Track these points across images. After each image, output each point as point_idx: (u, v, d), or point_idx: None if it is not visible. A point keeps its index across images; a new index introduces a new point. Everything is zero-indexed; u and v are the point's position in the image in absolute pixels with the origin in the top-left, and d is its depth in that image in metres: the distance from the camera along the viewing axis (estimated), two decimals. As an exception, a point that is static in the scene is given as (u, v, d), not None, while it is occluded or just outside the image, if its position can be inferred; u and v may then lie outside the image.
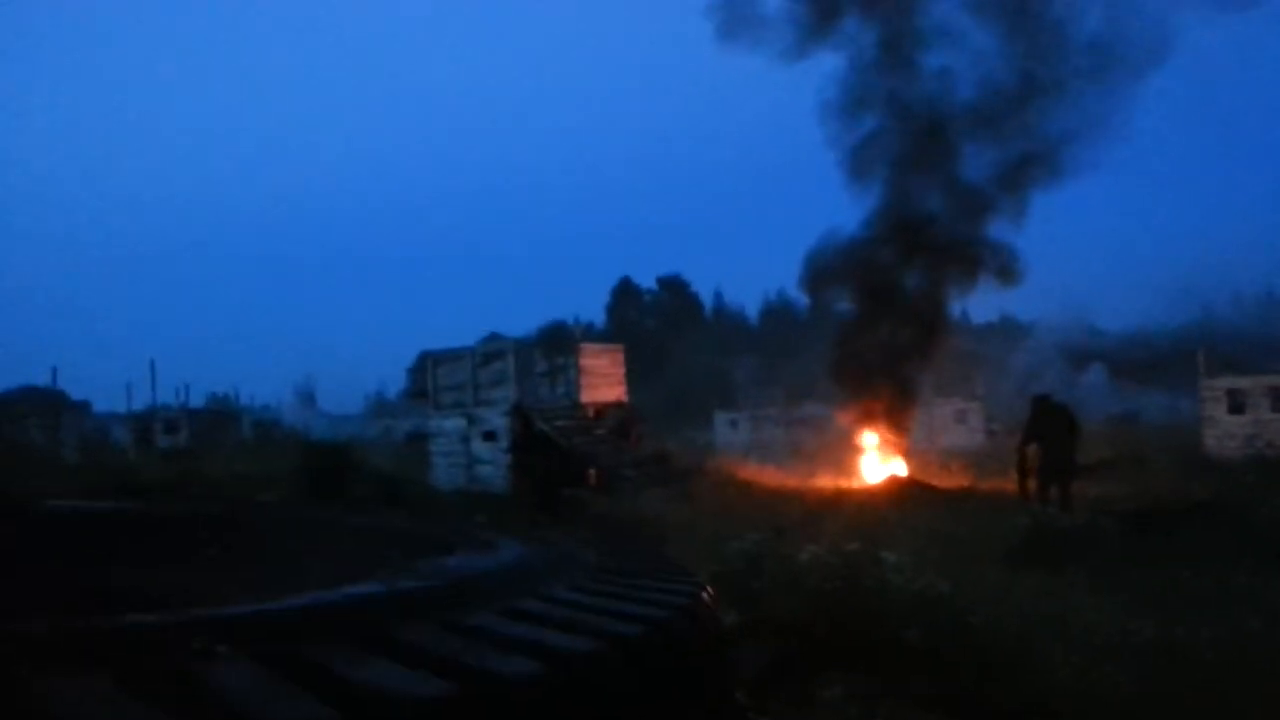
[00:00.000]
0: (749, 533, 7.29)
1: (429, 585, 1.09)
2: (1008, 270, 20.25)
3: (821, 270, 21.39)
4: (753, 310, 77.12)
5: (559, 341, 26.86)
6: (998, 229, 20.13)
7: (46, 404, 28.92)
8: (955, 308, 21.63)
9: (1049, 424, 12.09)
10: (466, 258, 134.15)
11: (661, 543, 9.05)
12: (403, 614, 0.91)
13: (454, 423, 19.88)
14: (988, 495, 14.16)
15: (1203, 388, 22.61)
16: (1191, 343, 28.35)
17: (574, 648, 0.88)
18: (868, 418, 19.88)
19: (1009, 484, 13.29)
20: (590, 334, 50.56)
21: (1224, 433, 21.63)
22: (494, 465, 18.27)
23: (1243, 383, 22.24)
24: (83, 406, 38.18)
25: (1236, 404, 22.00)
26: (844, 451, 20.41)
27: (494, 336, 27.05)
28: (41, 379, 31.80)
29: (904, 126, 20.52)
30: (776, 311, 71.08)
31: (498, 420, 18.66)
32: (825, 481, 18.06)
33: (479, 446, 18.98)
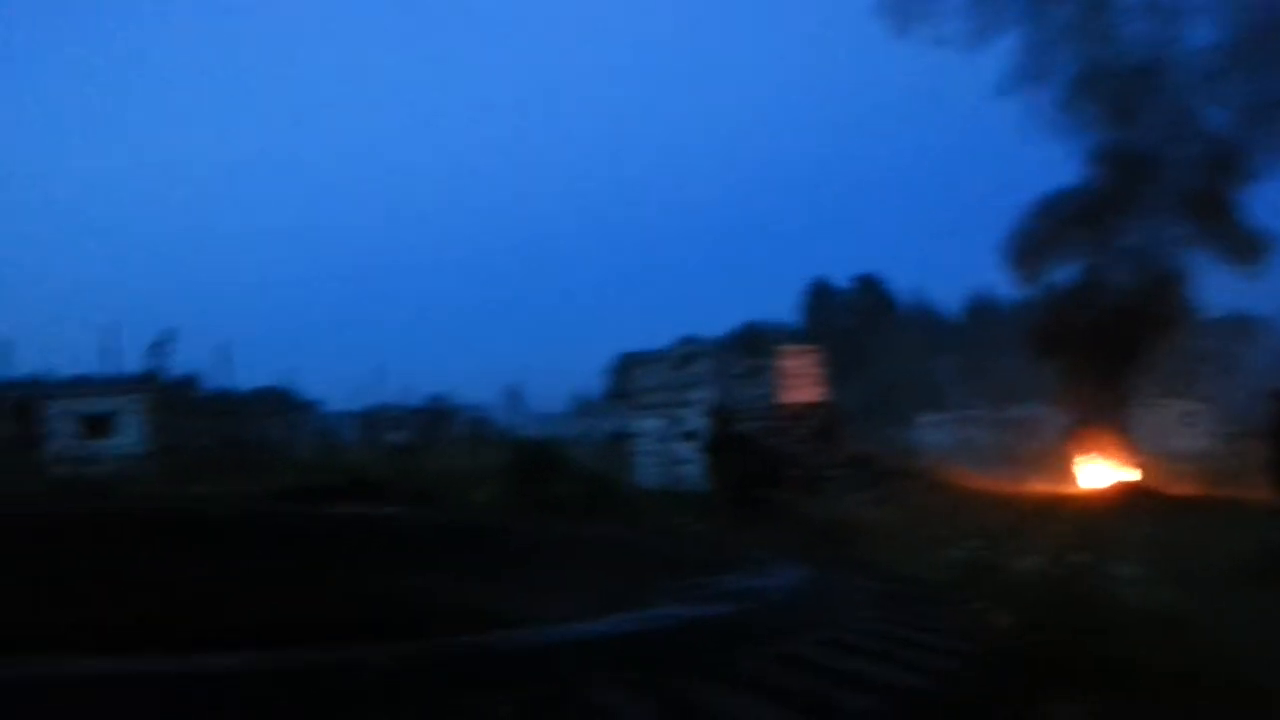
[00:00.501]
0: (961, 540, 7.07)
1: (748, 610, 1.05)
2: (1251, 245, 18.47)
3: (1031, 243, 20.15)
4: (954, 307, 74.22)
5: (756, 343, 26.86)
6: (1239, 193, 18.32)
7: (283, 403, 31.43)
8: (1185, 295, 19.72)
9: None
10: (663, 262, 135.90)
11: (868, 549, 8.91)
12: (730, 639, 0.88)
13: (654, 423, 20.26)
14: (1225, 504, 13.10)
15: None
16: None
17: (907, 683, 0.82)
18: (1086, 419, 18.79)
19: (1248, 491, 12.25)
20: (786, 334, 50.12)
21: None
22: (695, 465, 18.47)
23: None
24: (317, 406, 41.21)
25: None
26: (1059, 455, 19.39)
27: (689, 339, 27.35)
28: (278, 380, 34.61)
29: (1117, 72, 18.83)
30: (980, 308, 68.17)
31: (697, 420, 18.86)
32: (1039, 487, 17.21)
33: (679, 446, 19.24)
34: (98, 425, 22.03)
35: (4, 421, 22.60)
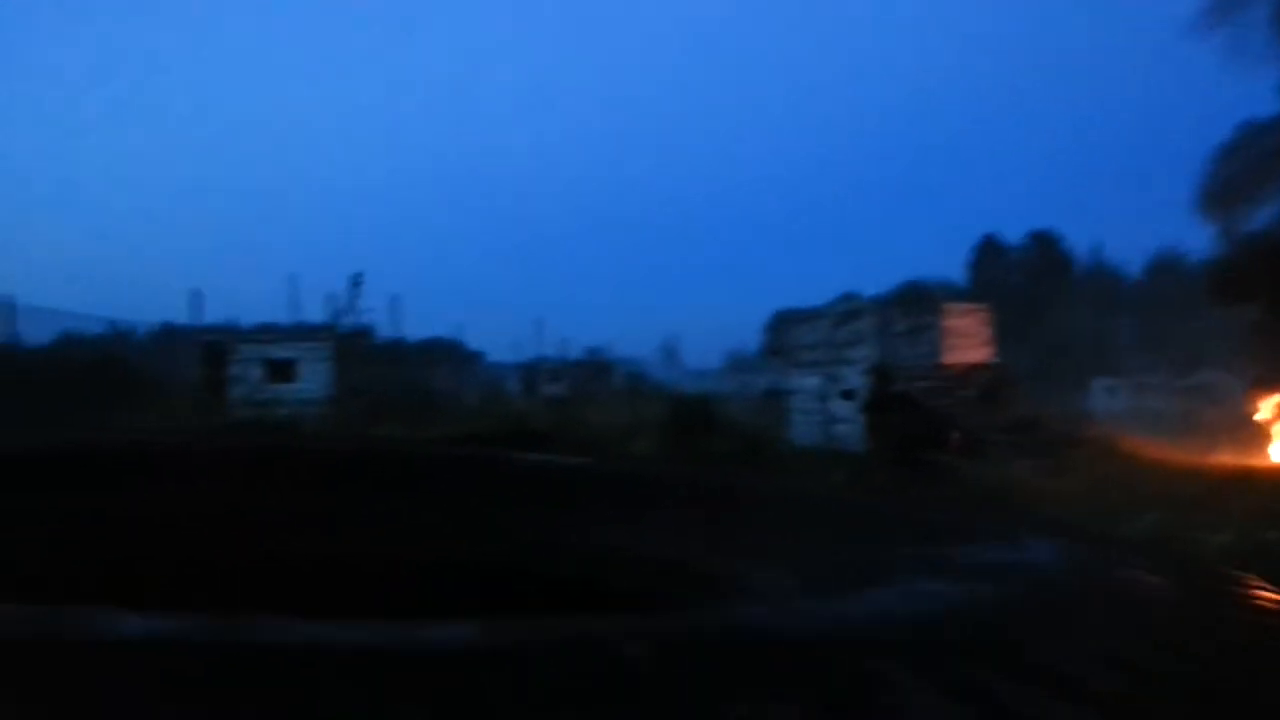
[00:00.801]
0: (1141, 512, 6.72)
1: (1044, 590, 0.86)
2: None
3: (1225, 184, 18.55)
4: (1134, 266, 69.84)
5: (920, 301, 26.08)
6: None
7: (450, 354, 32.64)
8: None
9: None
10: (822, 215, 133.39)
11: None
12: (1034, 625, 0.72)
13: (811, 381, 20.03)
14: None
15: None
16: None
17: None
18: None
19: None
20: (950, 293, 48.47)
21: None
22: (852, 424, 18.18)
23: None
24: (480, 357, 42.65)
25: None
26: (1247, 425, 18.11)
27: (848, 296, 26.80)
28: (446, 332, 35.99)
29: None
30: (1163, 266, 63.89)
31: (855, 379, 18.52)
32: (1223, 458, 16.13)
33: (837, 405, 18.97)
34: (281, 371, 23.48)
35: (195, 366, 24.38)
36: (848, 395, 18.60)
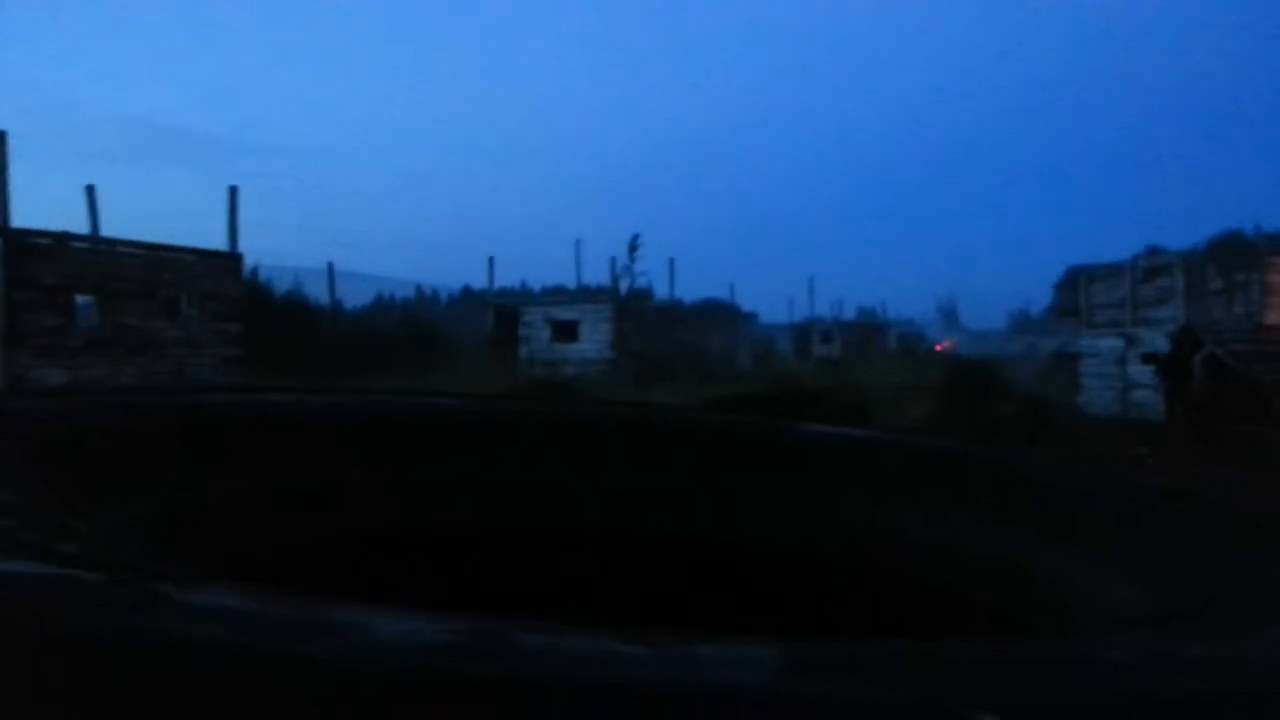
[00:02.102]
0: None
1: None
2: None
3: None
4: None
5: (1238, 255, 23.54)
6: None
7: (724, 315, 33.11)
8: None
9: None
10: (1120, 165, 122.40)
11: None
12: None
13: (1109, 343, 18.65)
14: None
15: None
16: None
17: None
18: None
19: None
20: (1277, 244, 43.18)
21: None
22: (1153, 390, 16.78)
23: None
24: (752, 318, 42.94)
25: None
26: None
27: (1155, 250, 24.59)
28: (721, 293, 36.47)
29: None
30: None
31: (1160, 342, 17.05)
32: None
33: (1136, 369, 17.57)
34: (566, 331, 24.82)
35: (489, 327, 26.24)
36: (1150, 360, 17.16)
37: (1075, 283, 21.97)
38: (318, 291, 26.11)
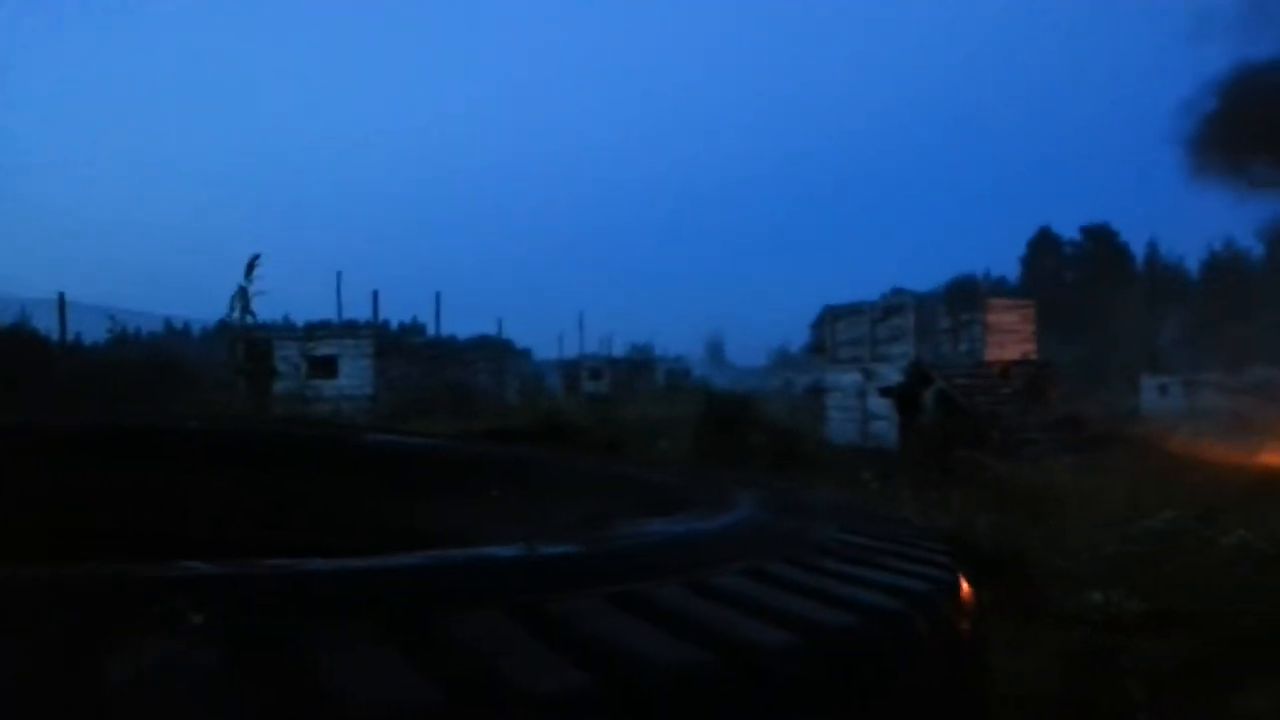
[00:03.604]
0: (1166, 509, 6.56)
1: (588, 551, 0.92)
2: None
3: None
4: (1194, 262, 68.16)
5: (965, 296, 25.77)
6: None
7: (494, 351, 32.87)
8: None
9: None
10: (875, 211, 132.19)
11: (1061, 514, 8.41)
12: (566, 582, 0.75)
13: (850, 378, 19.86)
14: None
15: None
16: None
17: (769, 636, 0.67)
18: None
19: None
20: (1002, 288, 47.76)
21: None
22: (889, 421, 18.00)
23: None
24: (525, 354, 42.92)
25: None
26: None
27: (898, 291, 26.54)
28: (492, 329, 36.22)
29: None
30: (1222, 264, 62.20)
31: (895, 376, 18.33)
32: (1274, 458, 15.68)
33: (875, 402, 18.79)
34: (323, 366, 23.81)
35: (238, 362, 24.79)
36: (885, 393, 18.42)
37: (826, 321, 23.33)
38: (48, 324, 23.87)
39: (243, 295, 5.79)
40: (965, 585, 0.94)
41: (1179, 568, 5.05)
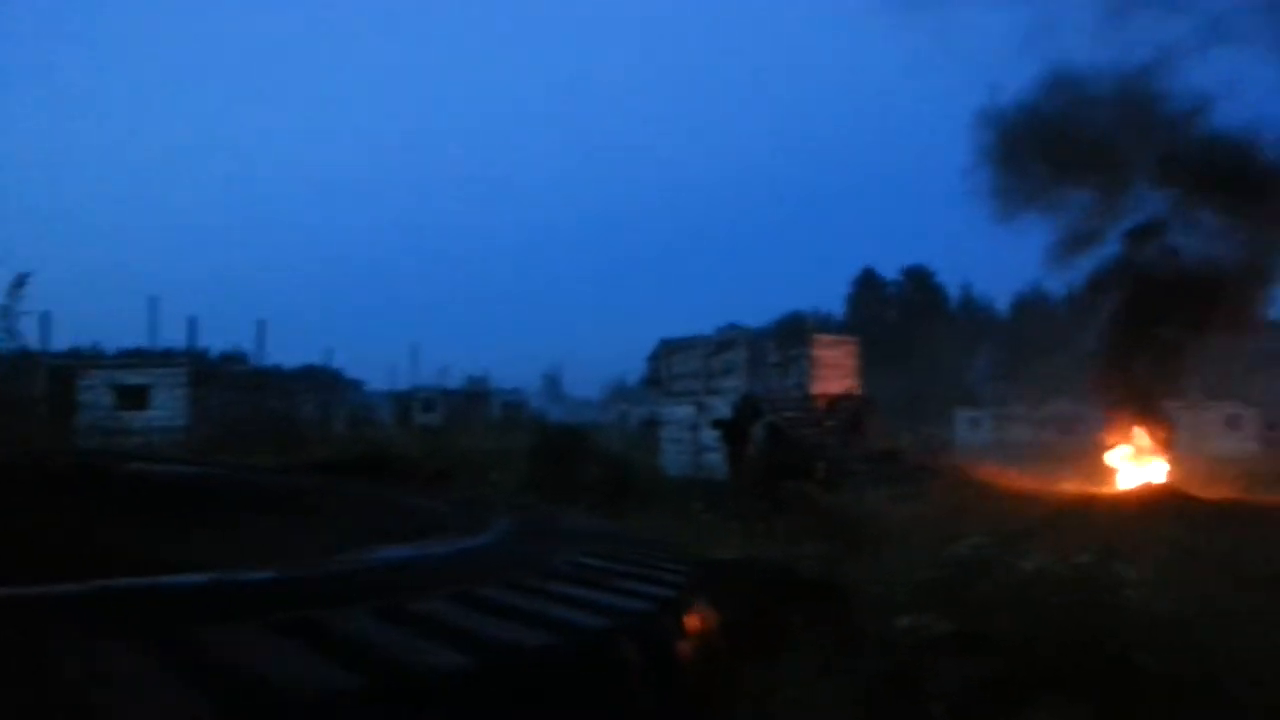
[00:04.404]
0: (973, 536, 6.88)
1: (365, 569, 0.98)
2: None
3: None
4: (1003, 303, 73.00)
5: (793, 332, 26.62)
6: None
7: (322, 382, 31.75)
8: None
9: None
10: (714, 249, 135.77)
11: (877, 541, 8.74)
12: (332, 599, 0.81)
13: (684, 410, 20.15)
14: (1259, 510, 12.70)
15: None
16: None
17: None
18: (1126, 420, 18.33)
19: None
20: (829, 325, 49.72)
21: None
22: (720, 453, 18.34)
23: None
24: (356, 385, 41.64)
25: None
26: (1096, 455, 18.98)
27: (732, 326, 27.18)
28: (321, 359, 35.01)
29: None
30: (1029, 304, 66.89)
31: (727, 409, 18.72)
32: (1073, 486, 16.85)
33: (706, 434, 19.11)
34: (133, 397, 22.36)
35: (41, 391, 23.02)
36: (716, 425, 18.77)
37: (661, 355, 23.62)
38: None
39: (3, 314, 5.37)
40: (698, 607, 0.95)
41: (983, 592, 5.28)
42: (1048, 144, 18.78)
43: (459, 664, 0.71)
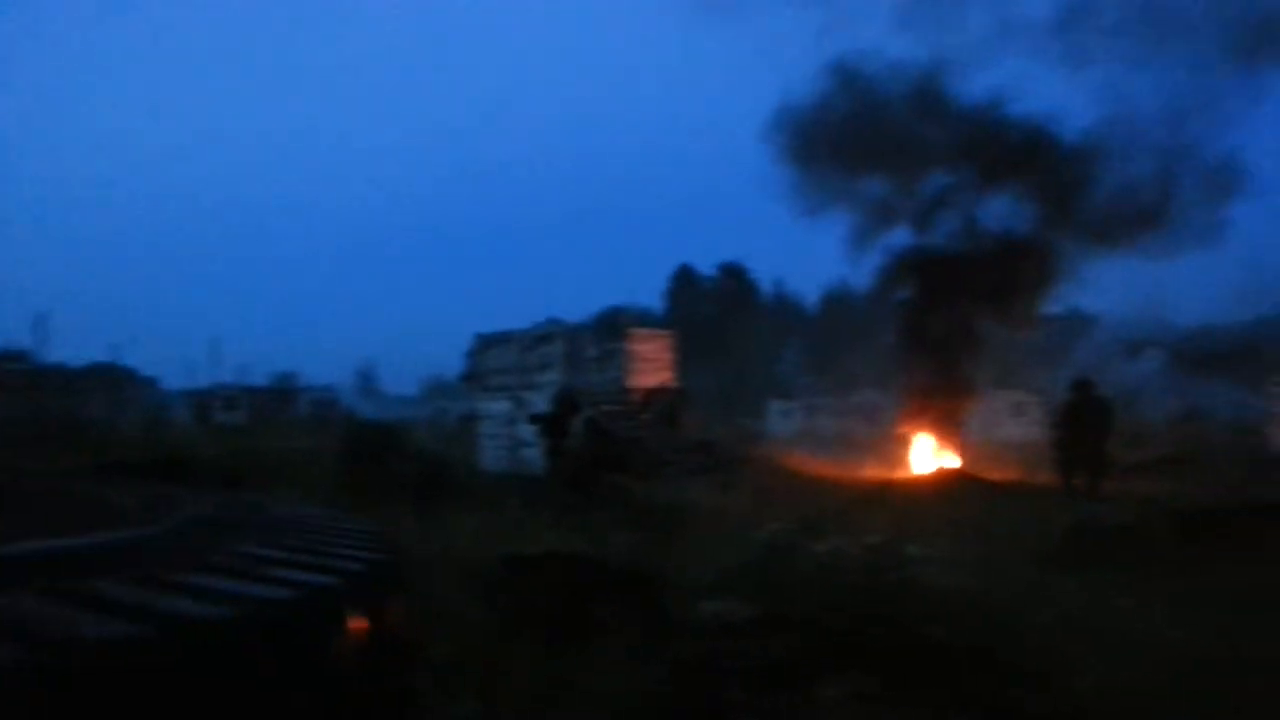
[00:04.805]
0: (777, 523, 7.11)
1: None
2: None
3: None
4: (812, 298, 76.11)
5: (611, 326, 26.83)
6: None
7: (112, 380, 29.65)
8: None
9: (1083, 411, 11.87)
10: (532, 244, 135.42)
11: (689, 530, 8.90)
12: None
13: (501, 405, 19.94)
14: (1038, 489, 13.74)
15: (1270, 385, 21.74)
16: (1262, 339, 27.23)
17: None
18: (921, 408, 19.44)
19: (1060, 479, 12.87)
20: (647, 320, 50.46)
21: (1294, 431, 20.74)
22: (538, 448, 18.26)
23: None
24: (150, 383, 39.09)
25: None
26: (895, 442, 20.03)
27: (551, 321, 27.09)
28: (109, 356, 32.67)
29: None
30: (836, 298, 69.98)
31: (543, 404, 18.65)
32: (873, 472, 17.72)
33: (524, 429, 18.99)
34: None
35: None
36: (534, 420, 18.67)
37: (479, 349, 23.28)
38: None
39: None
40: (368, 598, 0.96)
41: (782, 575, 5.45)
42: (839, 141, 19.72)
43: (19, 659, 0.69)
